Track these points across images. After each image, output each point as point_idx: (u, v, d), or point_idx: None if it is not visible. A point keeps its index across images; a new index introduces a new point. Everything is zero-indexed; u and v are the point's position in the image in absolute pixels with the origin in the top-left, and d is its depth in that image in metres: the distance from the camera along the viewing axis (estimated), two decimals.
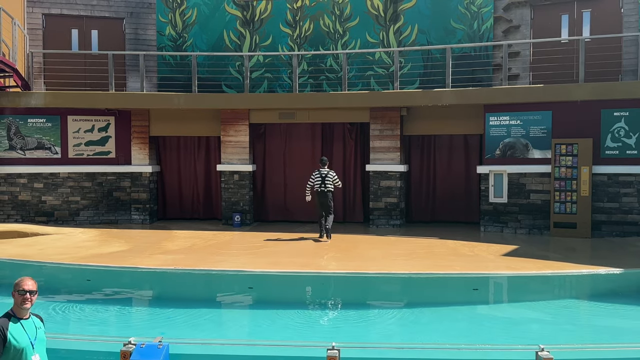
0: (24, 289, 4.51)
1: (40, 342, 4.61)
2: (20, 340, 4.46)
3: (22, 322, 4.54)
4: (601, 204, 12.87)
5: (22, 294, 4.51)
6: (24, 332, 4.50)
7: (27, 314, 4.57)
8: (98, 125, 15.28)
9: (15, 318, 4.54)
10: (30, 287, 4.53)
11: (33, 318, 4.64)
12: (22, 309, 4.53)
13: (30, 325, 4.58)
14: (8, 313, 4.57)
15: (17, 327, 4.49)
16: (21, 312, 4.54)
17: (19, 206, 14.98)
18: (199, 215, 16.24)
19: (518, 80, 14.47)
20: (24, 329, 4.52)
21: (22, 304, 4.51)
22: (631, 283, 9.53)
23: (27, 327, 4.54)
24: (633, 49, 13.37)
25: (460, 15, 15.00)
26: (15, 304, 4.55)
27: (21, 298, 4.51)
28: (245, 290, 9.70)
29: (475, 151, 15.02)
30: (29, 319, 4.59)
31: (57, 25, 15.71)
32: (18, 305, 4.54)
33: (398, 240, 12.73)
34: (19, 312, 4.55)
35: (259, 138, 15.67)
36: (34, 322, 4.62)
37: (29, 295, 4.52)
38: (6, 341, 4.42)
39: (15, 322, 4.51)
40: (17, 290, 4.53)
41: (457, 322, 7.87)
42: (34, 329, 4.58)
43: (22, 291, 4.51)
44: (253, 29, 15.91)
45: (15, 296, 4.55)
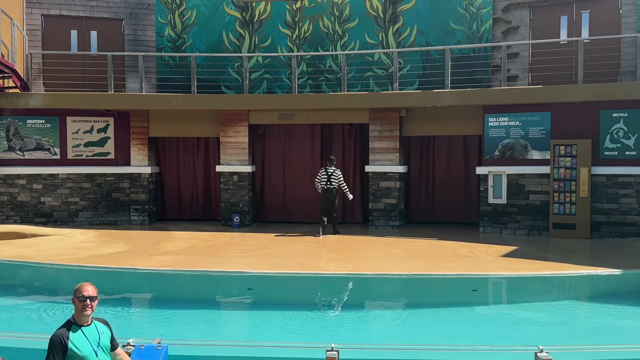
0: (84, 295, 4.40)
1: (104, 348, 4.50)
2: (82, 348, 4.34)
3: (83, 329, 4.42)
4: (600, 205, 12.88)
5: (82, 301, 4.40)
6: (86, 340, 4.38)
7: (88, 321, 4.46)
8: (97, 126, 15.27)
9: (76, 325, 4.42)
10: (90, 293, 4.43)
11: (96, 323, 4.53)
12: (83, 315, 4.41)
13: (93, 331, 4.46)
14: (69, 321, 4.47)
15: (78, 335, 4.37)
16: (82, 319, 4.43)
17: (17, 207, 14.97)
18: (198, 216, 16.24)
19: (517, 81, 14.48)
20: (86, 336, 4.40)
21: (83, 311, 4.40)
22: (630, 284, 9.53)
23: (88, 333, 4.42)
24: (632, 50, 13.38)
25: (459, 17, 15.01)
26: (76, 310, 4.44)
27: (81, 305, 4.41)
28: (244, 291, 9.69)
29: (475, 152, 15.03)
30: (91, 325, 4.48)
31: (56, 26, 15.70)
32: (78, 312, 4.43)
33: (397, 241, 12.73)
34: (79, 319, 4.44)
35: (258, 139, 15.67)
36: (96, 328, 4.50)
37: (89, 302, 4.42)
38: (67, 350, 4.30)
39: (76, 329, 4.40)
40: (77, 296, 4.42)
41: (456, 323, 7.86)
42: (96, 335, 4.46)
43: (82, 297, 4.40)
44: (252, 30, 15.91)
45: (75, 303, 4.44)
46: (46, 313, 8.15)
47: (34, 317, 8.08)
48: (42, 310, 8.30)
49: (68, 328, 4.39)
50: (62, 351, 4.29)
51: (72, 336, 4.34)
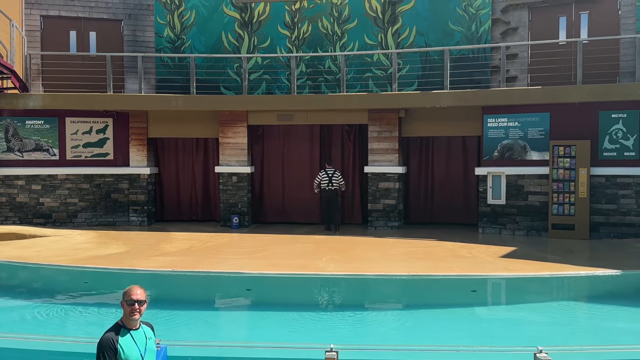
0: (132, 298, 4.31)
1: (151, 352, 4.42)
2: (129, 352, 4.27)
3: (131, 332, 4.34)
4: (599, 206, 12.88)
5: (130, 304, 4.31)
6: (134, 344, 4.30)
7: (137, 325, 4.37)
8: (96, 127, 15.27)
9: (124, 329, 4.34)
10: (139, 297, 4.33)
11: (143, 327, 4.44)
12: (132, 319, 4.33)
13: (140, 335, 4.38)
14: (117, 324, 4.39)
15: (127, 339, 4.29)
16: (130, 323, 4.34)
17: (16, 208, 14.95)
18: (197, 217, 16.22)
19: (516, 82, 14.48)
20: (134, 340, 4.32)
21: (131, 315, 4.32)
22: (629, 284, 9.54)
23: (137, 338, 4.34)
24: (631, 51, 13.39)
25: (458, 17, 15.02)
26: (124, 314, 4.35)
27: (130, 308, 4.32)
28: (243, 292, 9.68)
29: (474, 153, 15.03)
30: (139, 329, 4.39)
31: (55, 27, 15.69)
32: (127, 316, 4.34)
33: (396, 242, 12.72)
34: (128, 322, 4.35)
35: (257, 140, 15.66)
36: (144, 332, 4.42)
37: (138, 306, 4.33)
38: (117, 354, 4.23)
39: (125, 333, 4.31)
40: (126, 300, 4.33)
41: (455, 323, 7.86)
42: (144, 340, 4.38)
43: (130, 301, 4.31)
44: (251, 30, 15.91)
45: (124, 306, 4.36)
46: (45, 314, 8.14)
47: (33, 318, 8.07)
48: (41, 312, 8.29)
49: (117, 331, 4.31)
50: (113, 354, 4.22)
51: (121, 340, 4.26)
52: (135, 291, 4.34)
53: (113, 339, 4.25)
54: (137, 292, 4.34)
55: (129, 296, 4.33)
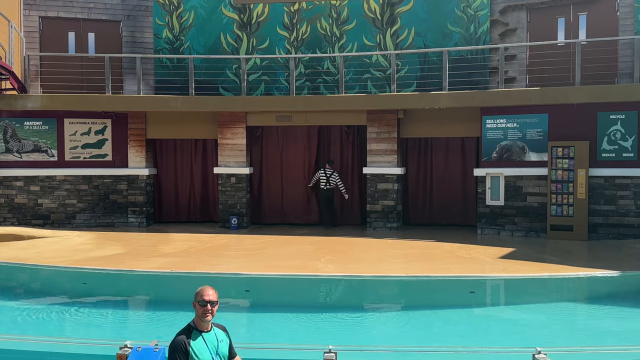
0: (205, 299, 4.21)
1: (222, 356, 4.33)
2: (201, 355, 4.18)
3: (203, 335, 4.25)
4: (598, 207, 12.89)
5: (202, 305, 4.22)
6: (206, 347, 4.21)
7: (208, 327, 4.28)
8: (95, 128, 15.26)
9: (196, 331, 4.25)
10: (212, 298, 4.24)
11: (215, 330, 4.36)
12: (204, 321, 4.24)
13: (212, 338, 4.29)
14: (190, 325, 4.30)
15: (199, 341, 4.21)
16: (202, 325, 4.26)
17: (15, 209, 14.94)
18: (196, 218, 16.21)
19: (515, 83, 14.49)
20: (206, 342, 4.23)
21: (203, 316, 4.23)
22: (628, 285, 9.54)
23: (208, 340, 4.25)
24: (629, 52, 13.40)
25: (456, 19, 15.02)
26: (197, 315, 4.27)
27: (202, 310, 4.22)
28: (241, 293, 9.68)
29: (472, 154, 15.03)
30: (210, 331, 4.30)
31: (54, 28, 15.68)
32: (199, 317, 4.25)
33: (395, 243, 12.72)
34: (200, 324, 4.27)
35: (256, 141, 15.66)
36: (215, 335, 4.33)
37: (210, 307, 4.23)
38: (188, 356, 4.15)
39: (197, 335, 4.23)
40: (198, 300, 4.24)
41: (454, 324, 7.86)
42: (215, 342, 4.29)
43: (202, 302, 4.22)
44: (250, 31, 15.91)
45: (196, 307, 4.27)
46: (43, 315, 8.14)
47: (31, 319, 8.06)
48: (39, 313, 8.28)
49: (188, 333, 4.22)
50: (184, 356, 4.14)
51: (193, 342, 4.18)
52: (207, 292, 4.26)
53: (185, 341, 4.16)
54: (209, 293, 4.26)
55: (201, 297, 4.25)
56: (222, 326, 4.43)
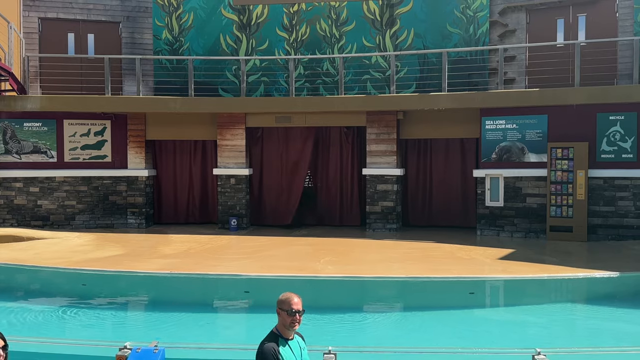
0: (293, 309, 4.10)
1: None
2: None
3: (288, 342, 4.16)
4: (597, 208, 12.89)
5: (291, 315, 4.10)
6: (292, 354, 4.12)
7: (292, 335, 4.20)
8: (94, 129, 15.25)
9: (282, 339, 4.15)
10: (300, 307, 4.12)
11: (296, 337, 4.27)
12: (290, 330, 4.15)
13: (295, 345, 4.19)
14: (274, 333, 4.19)
15: (286, 349, 4.11)
16: (287, 333, 4.16)
17: (14, 210, 14.93)
18: (195, 219, 16.19)
19: (514, 84, 14.49)
20: (292, 350, 4.14)
21: (291, 326, 4.12)
22: (627, 286, 9.54)
23: (293, 347, 4.17)
24: (628, 53, 13.41)
25: (456, 20, 15.03)
26: (282, 323, 4.15)
27: (290, 319, 4.10)
28: (241, 295, 9.67)
29: (472, 155, 15.03)
30: (293, 339, 4.21)
31: (54, 29, 15.68)
32: (286, 326, 4.13)
33: (394, 244, 12.72)
34: (285, 332, 4.16)
35: (255, 142, 15.66)
36: (298, 343, 4.24)
37: (298, 316, 4.12)
38: None
39: (283, 343, 4.13)
40: (286, 309, 4.12)
41: (454, 325, 7.86)
42: (298, 350, 4.20)
43: (291, 312, 4.10)
44: (249, 33, 15.91)
45: (283, 316, 4.15)
46: (42, 317, 8.13)
47: (30, 320, 8.06)
48: (39, 314, 8.27)
49: (275, 341, 4.12)
50: None
51: (282, 350, 4.09)
52: (294, 300, 4.14)
53: (275, 349, 4.06)
54: (296, 301, 4.14)
55: (289, 306, 4.12)
56: (299, 334, 4.35)
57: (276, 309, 4.18)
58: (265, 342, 4.14)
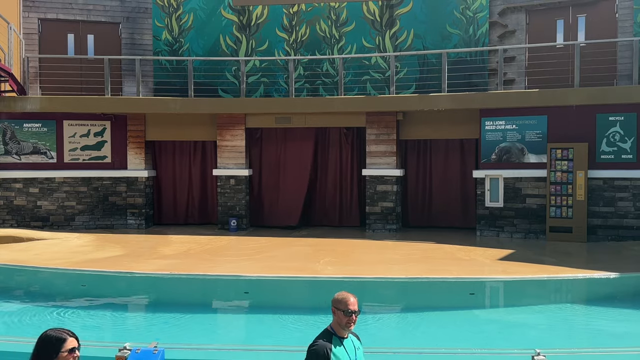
0: (350, 309, 4.06)
1: None
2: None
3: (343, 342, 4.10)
4: (597, 208, 12.89)
5: (348, 315, 4.05)
6: (346, 354, 4.07)
7: (347, 334, 4.14)
8: (94, 129, 15.25)
9: (336, 338, 4.09)
10: (356, 307, 4.09)
11: (351, 336, 4.20)
12: (346, 329, 4.09)
13: (350, 345, 4.13)
14: (328, 331, 4.13)
15: (340, 349, 4.05)
16: (342, 332, 4.10)
17: (14, 211, 14.93)
18: (195, 220, 16.19)
19: (514, 85, 14.50)
20: (346, 349, 4.08)
21: (347, 326, 4.07)
22: (627, 287, 9.54)
23: (347, 347, 4.11)
24: (628, 53, 13.42)
25: (455, 20, 15.04)
26: (338, 323, 4.09)
27: (347, 319, 4.05)
28: (241, 295, 9.67)
29: (471, 155, 15.03)
30: (347, 338, 4.15)
31: (53, 30, 15.68)
32: (342, 325, 4.08)
33: (394, 245, 12.72)
34: (339, 331, 4.10)
35: (255, 142, 15.66)
36: (352, 342, 4.18)
37: (354, 317, 4.08)
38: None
39: (337, 343, 4.06)
40: (342, 309, 4.07)
41: (454, 326, 7.86)
42: (353, 350, 4.13)
43: (348, 312, 4.05)
44: (249, 33, 15.92)
45: (338, 315, 4.09)
46: (42, 317, 8.13)
47: (30, 321, 8.06)
48: (38, 315, 8.27)
49: (329, 339, 4.06)
50: None
51: (335, 349, 4.03)
52: (350, 300, 4.11)
53: (327, 347, 4.01)
54: (353, 301, 4.11)
55: (345, 306, 4.08)
56: (355, 333, 4.29)
57: (331, 307, 4.14)
58: (318, 339, 4.09)
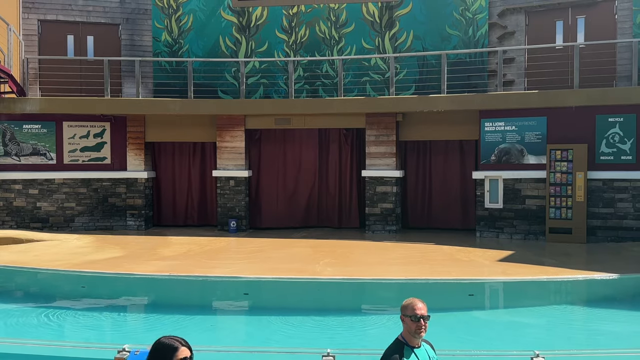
0: (417, 314, 3.86)
1: None
2: None
3: (415, 351, 3.93)
4: (596, 210, 12.89)
5: (415, 321, 3.86)
6: None
7: (419, 342, 3.95)
8: (93, 131, 15.25)
9: (408, 347, 3.91)
10: (424, 312, 3.89)
11: (424, 345, 4.01)
12: (416, 337, 3.90)
13: (423, 354, 3.96)
14: (399, 340, 3.95)
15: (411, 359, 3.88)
16: (414, 341, 3.91)
17: (13, 212, 14.92)
18: (195, 221, 16.18)
19: (513, 86, 14.51)
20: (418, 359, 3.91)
21: (417, 333, 3.88)
22: (627, 288, 9.55)
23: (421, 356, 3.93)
24: (627, 55, 13.42)
25: (455, 22, 15.04)
26: (408, 331, 3.91)
27: (415, 325, 3.86)
28: (240, 297, 9.67)
29: (471, 157, 15.03)
30: (420, 347, 3.96)
31: (53, 31, 15.68)
32: (411, 333, 3.89)
33: (394, 246, 12.72)
34: (411, 340, 3.91)
35: (254, 144, 15.66)
36: (426, 351, 3.98)
37: (423, 322, 3.88)
38: None
39: (409, 353, 3.89)
40: (409, 315, 3.89)
41: (453, 327, 7.86)
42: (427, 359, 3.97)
43: (415, 317, 3.86)
44: (249, 35, 15.92)
45: (407, 322, 3.91)
46: (42, 319, 8.13)
47: (30, 322, 8.05)
48: (38, 316, 8.27)
49: (400, 350, 3.91)
50: None
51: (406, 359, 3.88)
52: (418, 305, 3.91)
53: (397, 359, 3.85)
54: (420, 306, 3.91)
55: (412, 311, 3.88)
56: (428, 342, 4.10)
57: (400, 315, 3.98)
58: (389, 350, 3.95)
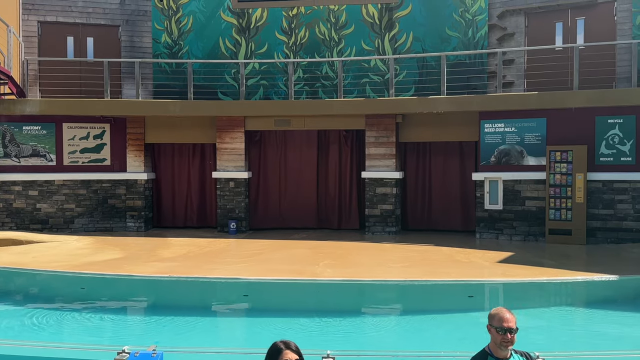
0: (503, 326, 3.71)
1: None
2: None
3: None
4: (596, 211, 12.90)
5: (501, 333, 3.71)
6: None
7: (508, 354, 3.79)
8: (93, 132, 15.26)
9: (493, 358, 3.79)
10: (511, 325, 3.71)
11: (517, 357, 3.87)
12: (503, 349, 3.76)
13: None
14: (485, 352, 3.83)
15: None
16: (500, 352, 3.77)
17: (13, 214, 14.92)
18: (194, 222, 16.18)
19: (513, 88, 14.52)
20: None
21: (502, 345, 3.74)
22: (627, 290, 9.54)
23: None
24: (627, 56, 13.43)
25: (455, 23, 15.06)
26: (494, 342, 3.79)
27: (501, 338, 3.72)
28: (240, 298, 9.67)
29: (471, 158, 15.03)
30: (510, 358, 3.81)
31: (53, 33, 15.69)
32: (497, 345, 3.77)
33: (393, 247, 12.72)
34: (497, 351, 3.78)
35: (254, 145, 15.67)
36: None
37: (510, 335, 3.72)
38: None
39: None
40: (495, 326, 3.75)
41: (453, 329, 7.86)
42: None
43: (500, 329, 3.71)
44: (249, 36, 15.93)
45: (493, 333, 3.78)
46: (41, 320, 8.12)
47: (30, 324, 8.05)
48: (38, 318, 8.26)
49: None
50: None
51: None
52: (505, 316, 3.75)
53: None
54: (508, 318, 3.74)
55: (499, 323, 3.74)
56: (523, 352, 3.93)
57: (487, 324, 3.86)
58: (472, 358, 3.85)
